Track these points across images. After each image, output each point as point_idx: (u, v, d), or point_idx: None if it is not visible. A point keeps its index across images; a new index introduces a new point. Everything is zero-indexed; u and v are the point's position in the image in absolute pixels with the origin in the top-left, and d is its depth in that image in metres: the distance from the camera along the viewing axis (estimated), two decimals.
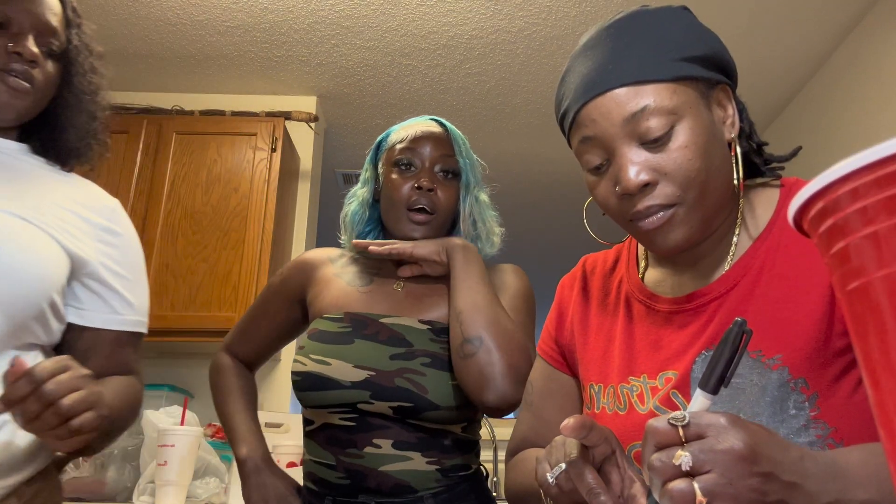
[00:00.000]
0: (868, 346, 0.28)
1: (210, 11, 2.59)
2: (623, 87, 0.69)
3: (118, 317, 1.07)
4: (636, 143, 0.69)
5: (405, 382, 1.05)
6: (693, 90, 0.71)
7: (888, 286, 0.27)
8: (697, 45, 0.73)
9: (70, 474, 1.96)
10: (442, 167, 1.18)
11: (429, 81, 2.98)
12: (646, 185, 0.69)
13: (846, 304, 0.30)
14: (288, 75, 2.97)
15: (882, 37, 2.40)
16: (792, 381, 0.66)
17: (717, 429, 0.48)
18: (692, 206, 0.69)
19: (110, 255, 1.06)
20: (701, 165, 0.68)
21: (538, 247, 4.55)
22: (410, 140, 1.18)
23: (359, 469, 1.04)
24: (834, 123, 2.69)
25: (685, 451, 0.48)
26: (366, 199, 1.23)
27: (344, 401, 1.05)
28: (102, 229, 1.07)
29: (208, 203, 2.65)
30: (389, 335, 1.10)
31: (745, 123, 0.78)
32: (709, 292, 0.74)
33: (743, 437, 0.48)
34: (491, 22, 2.61)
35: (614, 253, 0.92)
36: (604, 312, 0.86)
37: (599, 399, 0.80)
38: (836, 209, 0.29)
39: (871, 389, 0.29)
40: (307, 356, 1.10)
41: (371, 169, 1.25)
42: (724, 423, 0.49)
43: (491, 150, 3.52)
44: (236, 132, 2.76)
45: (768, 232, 0.74)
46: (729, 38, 2.93)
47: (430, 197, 1.15)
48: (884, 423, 0.28)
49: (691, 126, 0.69)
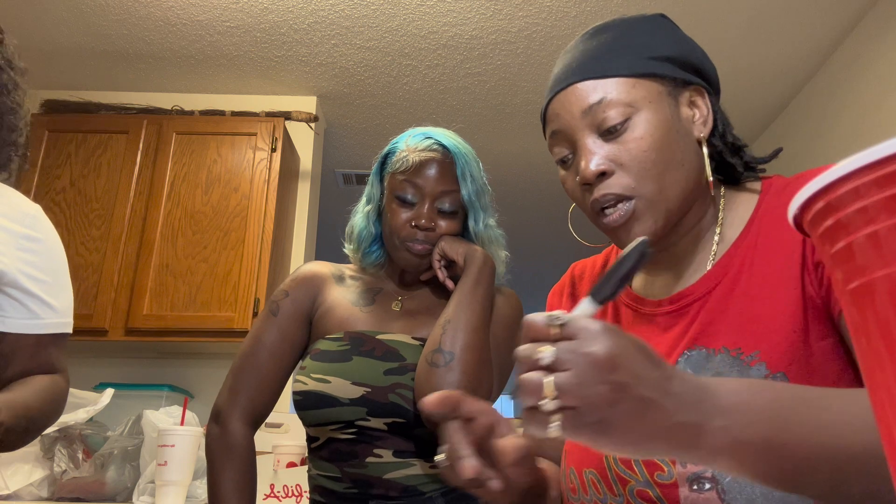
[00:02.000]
0: (869, 346, 0.28)
1: (210, 11, 2.59)
2: (585, 80, 0.73)
3: (39, 321, 1.12)
4: (595, 133, 0.72)
5: (397, 398, 1.07)
6: (657, 86, 0.73)
7: (889, 286, 0.27)
8: (667, 46, 0.75)
9: (70, 474, 1.96)
10: (442, 205, 1.15)
11: (429, 81, 2.98)
12: (602, 173, 0.71)
13: (847, 304, 0.30)
14: (288, 75, 2.97)
15: (882, 37, 2.40)
16: (770, 376, 0.66)
17: (588, 333, 0.49)
18: (651, 199, 0.71)
19: (31, 262, 1.11)
20: (656, 157, 0.70)
21: (538, 247, 4.55)
22: (412, 171, 1.13)
23: (364, 478, 1.06)
24: (834, 123, 2.69)
25: (547, 348, 0.49)
26: (370, 216, 1.23)
27: (343, 418, 1.07)
28: (22, 237, 1.11)
29: (208, 203, 2.66)
30: (384, 351, 1.11)
31: (720, 124, 0.79)
32: (691, 293, 0.75)
33: (608, 345, 0.48)
34: (491, 22, 2.61)
35: (603, 257, 0.93)
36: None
37: None
38: (837, 209, 0.29)
39: (871, 389, 0.29)
40: (308, 376, 1.11)
41: (376, 184, 1.23)
42: (596, 330, 0.49)
43: (491, 150, 3.52)
44: (236, 132, 2.76)
45: (747, 231, 0.75)
46: (729, 38, 2.92)
47: (427, 235, 1.14)
48: (883, 422, 0.28)
49: (649, 119, 0.71)
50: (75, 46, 2.80)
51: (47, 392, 1.10)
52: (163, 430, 1.77)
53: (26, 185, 2.62)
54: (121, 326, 2.49)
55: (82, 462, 1.99)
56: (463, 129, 3.44)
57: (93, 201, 2.65)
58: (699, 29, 2.60)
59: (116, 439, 2.04)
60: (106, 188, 2.68)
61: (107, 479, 1.97)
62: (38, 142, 2.69)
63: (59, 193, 2.65)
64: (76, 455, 2.00)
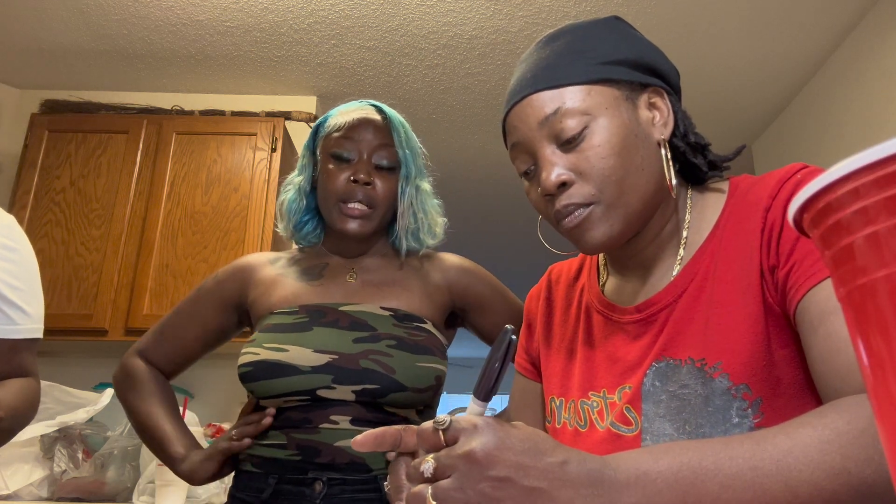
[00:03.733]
0: (869, 346, 0.28)
1: (210, 11, 2.59)
2: (539, 91, 0.72)
3: (15, 327, 1.15)
4: (554, 144, 0.72)
5: (371, 364, 1.02)
6: (613, 91, 0.72)
7: (889, 286, 0.26)
8: (621, 50, 0.74)
9: (70, 474, 1.96)
10: (380, 159, 1.13)
11: (429, 81, 2.98)
12: (563, 184, 0.71)
13: (846, 305, 0.30)
14: (288, 75, 2.97)
15: (882, 37, 2.40)
16: (733, 387, 0.65)
17: (467, 433, 0.48)
18: (610, 203, 0.70)
19: (7, 270, 1.14)
20: (616, 163, 0.70)
21: (535, 247, 4.54)
22: (347, 128, 1.13)
23: (312, 445, 1.01)
24: (834, 123, 2.69)
25: (430, 458, 0.49)
26: (302, 188, 1.19)
27: (302, 387, 1.02)
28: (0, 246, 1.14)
29: (208, 203, 2.66)
30: (351, 321, 1.07)
31: (681, 124, 0.77)
32: (658, 301, 0.74)
33: (484, 440, 0.47)
34: (491, 22, 2.61)
35: (579, 261, 0.92)
36: (565, 324, 0.87)
37: (560, 413, 0.80)
38: (837, 209, 0.29)
39: (871, 390, 0.29)
40: (260, 346, 1.05)
41: (308, 155, 1.20)
42: (476, 426, 0.49)
43: (491, 150, 3.53)
44: (236, 132, 2.76)
45: (713, 234, 0.74)
46: (729, 38, 2.91)
47: (366, 191, 1.11)
48: (884, 423, 0.28)
49: (606, 126, 0.70)
50: (75, 46, 2.79)
51: (25, 393, 1.15)
52: None
53: (26, 185, 2.62)
54: (121, 326, 2.49)
55: (82, 462, 1.99)
56: (463, 129, 3.45)
57: (93, 201, 2.65)
58: (699, 29, 2.60)
59: (116, 439, 2.04)
60: (106, 188, 2.68)
61: (107, 479, 1.97)
62: (38, 142, 2.69)
63: (59, 193, 2.65)
64: (76, 455, 2.00)
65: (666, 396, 0.69)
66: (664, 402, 0.69)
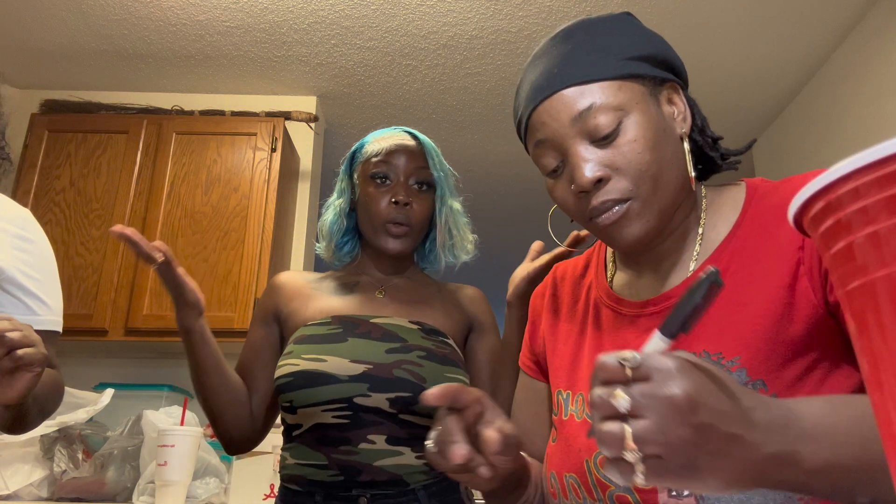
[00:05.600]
0: (869, 346, 0.28)
1: (210, 11, 2.59)
2: (569, 87, 0.71)
3: (37, 317, 1.13)
4: (587, 140, 0.71)
5: (404, 373, 1.07)
6: (639, 87, 0.72)
7: (889, 286, 0.26)
8: (641, 45, 0.74)
9: (70, 474, 1.96)
10: (416, 179, 1.21)
11: (429, 81, 2.98)
12: (599, 180, 0.70)
13: (846, 304, 0.30)
14: (288, 75, 2.97)
15: (882, 37, 2.40)
16: (750, 382, 0.65)
17: (664, 373, 0.47)
18: (646, 199, 0.70)
19: (25, 261, 1.13)
20: (651, 158, 0.70)
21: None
22: (385, 154, 1.20)
23: (353, 465, 1.06)
24: (834, 123, 2.69)
25: (625, 394, 0.47)
26: (342, 210, 1.26)
27: (340, 395, 1.06)
28: (16, 237, 1.13)
29: (208, 203, 2.65)
30: (383, 333, 1.13)
31: (698, 118, 0.78)
32: (672, 295, 0.74)
33: (685, 385, 0.46)
34: (491, 22, 2.61)
35: (584, 258, 0.93)
36: (573, 319, 0.87)
37: (567, 406, 0.80)
38: (837, 209, 0.29)
39: (871, 389, 0.29)
40: (299, 357, 1.10)
41: (346, 179, 1.28)
42: (672, 368, 0.47)
43: (491, 150, 3.53)
44: (236, 132, 2.76)
45: (733, 234, 0.74)
46: (729, 38, 2.91)
47: (405, 211, 1.18)
48: (884, 422, 0.28)
49: (639, 121, 0.70)
50: (75, 46, 2.79)
51: (52, 381, 1.12)
52: (163, 430, 1.77)
53: (26, 185, 2.62)
54: (121, 326, 2.49)
55: (82, 462, 1.99)
56: (463, 129, 3.45)
57: (93, 201, 2.65)
58: (699, 28, 2.60)
59: (116, 439, 2.04)
60: (106, 188, 2.67)
61: (107, 479, 1.97)
62: (38, 142, 2.69)
63: (59, 193, 2.65)
64: (76, 455, 2.00)
65: None
66: None
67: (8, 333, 0.86)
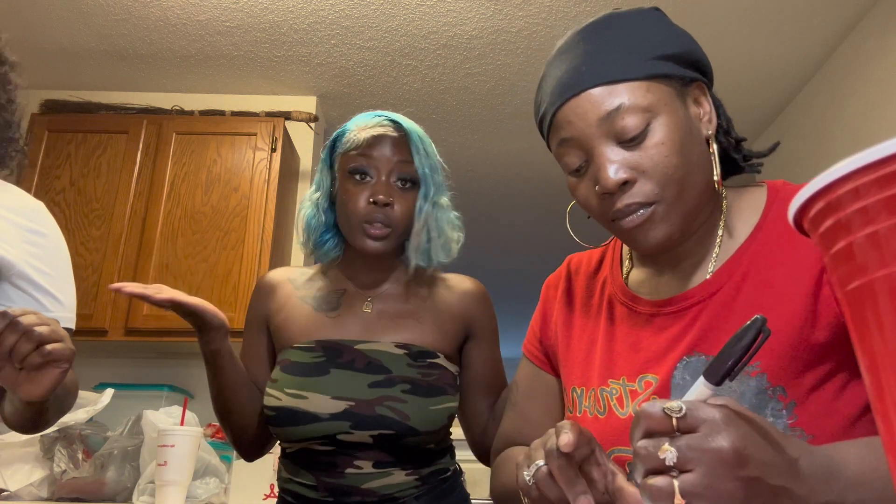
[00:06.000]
0: (868, 346, 0.28)
1: (210, 11, 2.58)
2: (597, 86, 0.70)
3: (48, 314, 1.07)
4: (613, 141, 0.69)
5: (386, 410, 1.04)
6: (667, 87, 0.71)
7: (889, 286, 0.26)
8: (669, 44, 0.73)
9: (70, 474, 1.96)
10: (399, 175, 1.10)
11: (429, 81, 2.98)
12: (624, 182, 0.69)
13: (846, 304, 0.30)
14: (288, 75, 2.97)
15: (882, 37, 2.40)
16: (770, 388, 0.65)
17: (710, 425, 0.47)
18: (671, 203, 0.69)
19: (37, 255, 1.09)
20: (678, 162, 0.68)
21: (535, 247, 4.55)
22: (365, 146, 1.10)
23: (341, 488, 1.04)
24: (834, 123, 2.69)
25: (671, 447, 0.47)
26: (320, 204, 1.17)
27: (322, 433, 1.04)
28: (28, 230, 1.10)
29: (208, 203, 2.65)
30: (366, 363, 1.08)
31: (723, 119, 0.77)
32: (691, 296, 0.74)
33: (733, 438, 0.46)
34: (491, 22, 2.61)
35: (599, 253, 0.92)
36: (587, 314, 0.86)
37: (581, 403, 0.80)
38: (837, 209, 0.29)
39: (871, 389, 0.29)
40: (281, 390, 1.07)
41: (325, 170, 1.18)
42: (718, 420, 0.47)
43: (491, 150, 3.52)
44: (236, 132, 2.76)
45: (753, 237, 0.73)
46: (729, 38, 2.91)
47: (385, 212, 1.08)
48: (884, 423, 0.28)
49: (667, 123, 0.69)
50: (75, 46, 2.79)
51: (69, 379, 1.08)
52: (163, 430, 1.77)
53: (26, 185, 2.62)
54: (121, 326, 2.49)
55: (82, 462, 1.99)
56: (463, 129, 3.45)
57: (93, 201, 2.65)
58: (698, 28, 2.59)
59: (116, 439, 2.04)
60: (106, 188, 2.67)
61: (107, 479, 1.97)
62: (38, 142, 2.69)
63: (59, 193, 2.65)
64: (76, 455, 2.00)
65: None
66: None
67: (36, 328, 0.83)
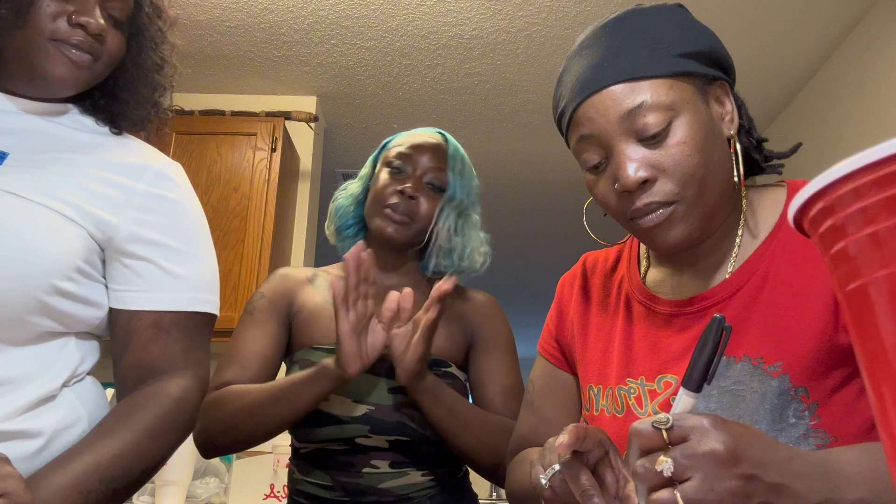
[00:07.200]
0: (868, 347, 0.28)
1: (210, 11, 2.59)
2: (619, 83, 0.68)
3: (156, 294, 0.88)
4: (634, 139, 0.68)
5: (405, 418, 1.05)
6: (690, 86, 0.70)
7: (889, 286, 0.26)
8: (693, 41, 0.72)
9: None
10: (431, 179, 1.17)
11: (429, 81, 2.98)
12: (644, 181, 0.68)
13: (846, 305, 0.30)
14: (288, 75, 2.97)
15: (882, 37, 2.40)
16: (792, 389, 0.65)
17: (700, 431, 0.48)
18: (691, 203, 0.68)
19: (151, 224, 0.89)
20: (699, 161, 0.68)
21: (538, 247, 4.55)
22: (409, 146, 1.18)
23: (357, 487, 1.05)
24: (834, 123, 2.69)
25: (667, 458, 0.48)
26: (356, 195, 1.24)
27: (341, 436, 1.05)
28: (143, 195, 0.90)
29: (208, 203, 2.65)
30: (387, 367, 1.06)
31: (745, 119, 0.76)
32: (711, 296, 0.73)
33: (724, 438, 0.47)
34: (491, 22, 2.61)
35: (615, 252, 0.91)
36: (604, 313, 0.85)
37: (598, 401, 0.80)
38: (837, 209, 0.29)
39: (871, 390, 0.29)
40: None
41: (370, 167, 1.26)
42: (707, 425, 0.48)
43: (491, 150, 3.52)
44: (236, 132, 2.76)
45: (773, 236, 0.73)
46: (729, 38, 2.93)
47: (409, 204, 1.13)
48: (884, 424, 0.28)
49: (689, 122, 0.68)
50: None
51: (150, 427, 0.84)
52: None
53: None
54: None
55: None
56: (463, 129, 3.45)
57: None
58: None
59: None
60: None
61: None
62: None
63: None
64: None
65: (717, 391, 0.69)
66: (715, 396, 0.69)
67: None
